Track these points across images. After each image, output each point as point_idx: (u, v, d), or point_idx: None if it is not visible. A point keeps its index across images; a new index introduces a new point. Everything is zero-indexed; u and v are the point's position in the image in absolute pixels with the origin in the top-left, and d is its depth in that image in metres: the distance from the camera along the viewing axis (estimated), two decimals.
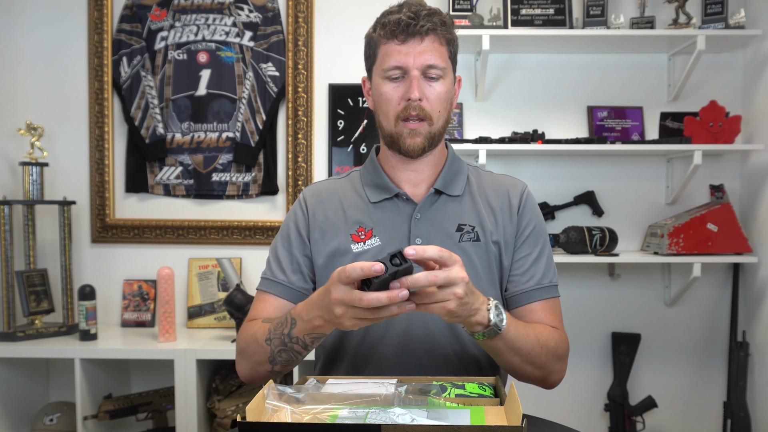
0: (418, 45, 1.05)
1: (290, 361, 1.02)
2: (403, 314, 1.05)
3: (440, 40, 1.07)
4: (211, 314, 2.28)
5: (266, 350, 1.02)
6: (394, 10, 1.08)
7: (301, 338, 0.97)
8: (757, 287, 2.18)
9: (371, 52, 1.11)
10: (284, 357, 1.01)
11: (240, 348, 1.10)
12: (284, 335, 0.98)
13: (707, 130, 2.08)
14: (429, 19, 1.05)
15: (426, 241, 1.09)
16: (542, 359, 1.04)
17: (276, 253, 1.17)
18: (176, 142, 2.30)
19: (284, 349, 1.00)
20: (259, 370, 1.06)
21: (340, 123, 2.30)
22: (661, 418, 2.30)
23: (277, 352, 1.01)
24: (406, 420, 0.73)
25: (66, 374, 2.24)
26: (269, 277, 1.15)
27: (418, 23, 1.04)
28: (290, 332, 0.98)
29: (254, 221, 2.30)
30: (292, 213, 1.19)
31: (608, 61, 2.27)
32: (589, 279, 2.30)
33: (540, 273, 1.13)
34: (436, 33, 1.06)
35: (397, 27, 1.05)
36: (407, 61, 1.05)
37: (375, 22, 1.11)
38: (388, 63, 1.06)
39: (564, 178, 2.27)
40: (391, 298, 0.80)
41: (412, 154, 1.09)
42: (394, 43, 1.06)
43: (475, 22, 2.10)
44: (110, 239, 2.32)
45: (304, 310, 0.95)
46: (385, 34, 1.07)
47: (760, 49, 2.15)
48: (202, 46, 2.30)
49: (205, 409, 2.04)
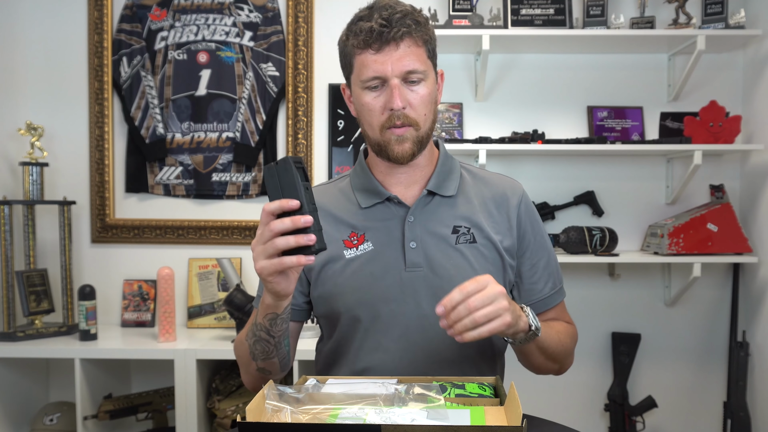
0: (394, 51, 1.00)
1: (265, 352, 1.01)
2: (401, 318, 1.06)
3: (417, 42, 1.02)
4: (211, 314, 2.28)
5: (246, 347, 1.03)
6: (364, 14, 1.03)
7: (262, 322, 0.97)
8: (757, 287, 2.18)
9: (346, 61, 1.07)
10: (259, 348, 1.01)
11: (237, 359, 1.13)
12: (253, 326, 1.00)
13: (707, 130, 2.08)
14: (402, 22, 1.00)
15: (420, 245, 1.07)
16: (561, 356, 1.10)
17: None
18: (176, 142, 2.30)
19: (257, 340, 1.00)
20: (250, 371, 1.07)
21: (340, 123, 2.30)
22: (661, 418, 2.30)
23: (253, 344, 1.01)
24: (406, 420, 0.74)
25: (66, 374, 2.24)
26: (259, 294, 1.13)
27: (392, 29, 0.99)
28: (255, 320, 0.99)
29: (254, 221, 2.30)
30: None
31: (608, 61, 2.27)
32: (589, 279, 2.30)
33: (554, 277, 1.17)
34: (411, 36, 1.01)
35: (370, 36, 1.00)
36: (385, 70, 1.00)
37: (346, 29, 1.06)
38: (366, 74, 1.02)
39: (564, 178, 2.28)
40: (294, 221, 0.82)
41: (401, 161, 1.05)
42: (369, 53, 1.01)
43: (475, 22, 2.10)
44: (110, 239, 2.32)
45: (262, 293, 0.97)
46: (359, 44, 1.02)
47: (760, 49, 2.15)
48: (202, 46, 2.30)
49: (205, 409, 2.04)
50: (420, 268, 1.07)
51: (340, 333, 1.12)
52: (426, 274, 1.06)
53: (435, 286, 1.06)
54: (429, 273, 1.06)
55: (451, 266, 1.07)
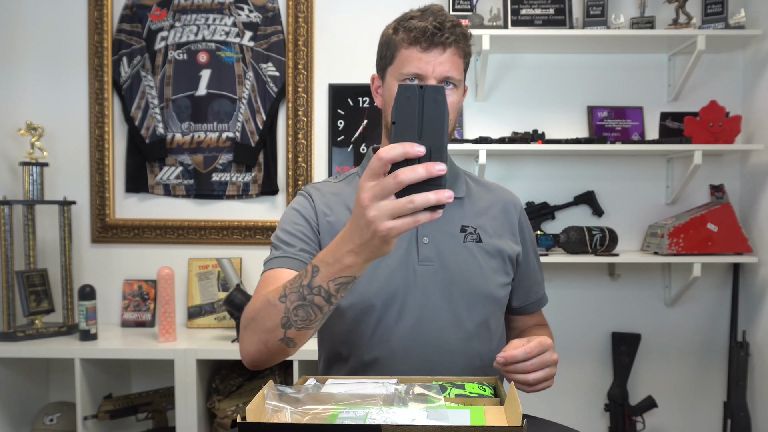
0: (439, 55, 1.06)
1: (307, 320, 0.88)
2: (412, 309, 1.09)
3: (459, 53, 1.08)
4: (211, 314, 2.28)
5: (280, 310, 0.88)
6: (416, 15, 1.08)
7: (325, 286, 0.84)
8: (757, 287, 2.18)
9: (389, 53, 1.11)
10: (301, 315, 0.87)
11: (246, 321, 0.96)
12: (303, 287, 0.86)
13: (707, 130, 2.08)
14: (453, 31, 1.06)
15: (432, 241, 1.12)
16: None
17: (280, 237, 1.11)
18: (176, 142, 2.30)
19: (302, 304, 0.86)
20: (269, 339, 0.91)
21: (340, 123, 2.30)
22: (661, 418, 2.30)
23: (293, 309, 0.87)
24: (406, 420, 0.73)
25: (66, 374, 2.24)
26: (278, 255, 1.07)
27: (443, 34, 1.05)
28: (311, 282, 0.85)
29: (254, 221, 2.30)
30: (296, 205, 1.15)
31: (608, 61, 2.27)
32: (589, 279, 2.30)
33: (541, 284, 1.27)
34: (458, 46, 1.07)
35: (422, 35, 1.05)
36: (427, 70, 1.05)
37: (396, 24, 1.10)
38: (407, 68, 1.06)
39: (564, 178, 2.28)
40: (429, 169, 0.69)
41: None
42: (416, 50, 1.06)
43: (475, 22, 2.10)
44: (110, 239, 2.32)
45: (329, 252, 0.83)
46: (408, 39, 1.06)
47: (760, 49, 2.15)
48: (202, 46, 2.30)
49: (205, 409, 2.04)
50: (432, 263, 1.11)
51: (352, 322, 1.11)
52: (437, 269, 1.11)
53: (445, 279, 1.10)
54: (440, 267, 1.11)
55: (461, 262, 1.12)
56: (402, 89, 0.70)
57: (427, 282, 1.10)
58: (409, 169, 0.69)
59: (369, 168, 0.72)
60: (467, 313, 1.11)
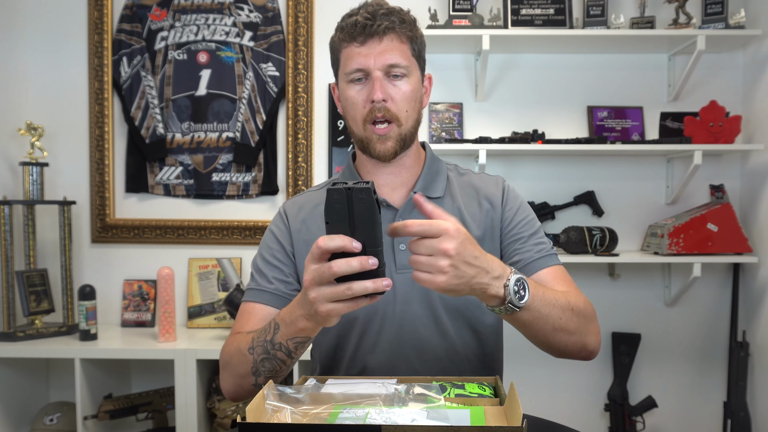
0: (377, 45, 1.04)
1: (274, 371, 0.97)
2: (393, 319, 1.07)
3: (401, 38, 1.05)
4: (211, 314, 2.28)
5: (249, 360, 0.97)
6: (353, 12, 1.07)
7: (284, 344, 0.92)
8: (757, 287, 2.18)
9: (334, 57, 1.11)
10: (267, 366, 0.96)
11: (224, 362, 1.05)
12: (267, 342, 0.94)
13: (707, 130, 2.08)
14: (386, 17, 1.04)
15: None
16: (575, 323, 0.99)
17: (257, 266, 1.14)
18: (176, 142, 2.30)
19: (267, 357, 0.95)
20: (243, 384, 1.01)
21: (340, 123, 2.30)
22: (661, 418, 2.30)
23: (260, 361, 0.96)
24: (406, 420, 0.73)
25: (66, 374, 2.24)
26: (254, 287, 1.12)
27: (375, 23, 1.03)
28: (273, 338, 0.93)
29: (254, 221, 2.30)
30: (273, 226, 1.17)
31: (608, 61, 2.27)
32: (589, 279, 2.30)
33: (541, 246, 1.13)
34: (395, 31, 1.05)
35: (354, 29, 1.04)
36: (368, 63, 1.04)
37: (336, 26, 1.10)
38: (350, 66, 1.05)
39: (564, 178, 2.27)
40: (362, 263, 0.74)
41: (383, 158, 1.08)
42: (353, 46, 1.05)
43: (475, 22, 2.10)
44: (110, 239, 2.32)
45: (287, 312, 0.91)
46: (344, 37, 1.06)
47: (760, 49, 2.15)
48: (202, 46, 2.30)
49: (205, 409, 2.04)
50: (409, 270, 1.05)
51: (337, 336, 1.12)
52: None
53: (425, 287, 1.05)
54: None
55: None
56: (330, 192, 0.74)
57: (406, 290, 1.08)
58: (343, 262, 0.74)
59: (311, 252, 0.77)
60: (449, 318, 1.09)
